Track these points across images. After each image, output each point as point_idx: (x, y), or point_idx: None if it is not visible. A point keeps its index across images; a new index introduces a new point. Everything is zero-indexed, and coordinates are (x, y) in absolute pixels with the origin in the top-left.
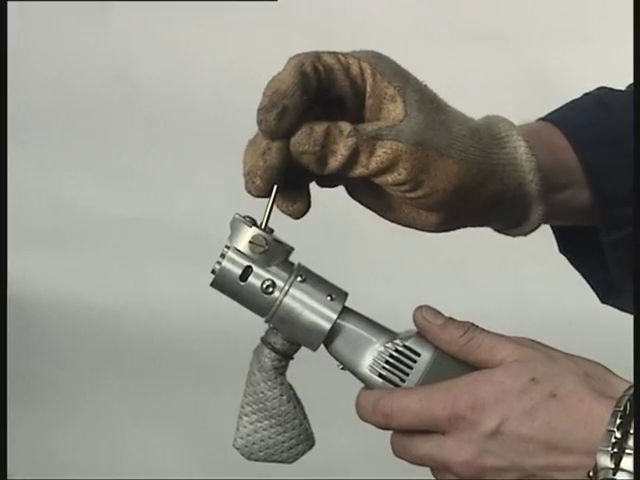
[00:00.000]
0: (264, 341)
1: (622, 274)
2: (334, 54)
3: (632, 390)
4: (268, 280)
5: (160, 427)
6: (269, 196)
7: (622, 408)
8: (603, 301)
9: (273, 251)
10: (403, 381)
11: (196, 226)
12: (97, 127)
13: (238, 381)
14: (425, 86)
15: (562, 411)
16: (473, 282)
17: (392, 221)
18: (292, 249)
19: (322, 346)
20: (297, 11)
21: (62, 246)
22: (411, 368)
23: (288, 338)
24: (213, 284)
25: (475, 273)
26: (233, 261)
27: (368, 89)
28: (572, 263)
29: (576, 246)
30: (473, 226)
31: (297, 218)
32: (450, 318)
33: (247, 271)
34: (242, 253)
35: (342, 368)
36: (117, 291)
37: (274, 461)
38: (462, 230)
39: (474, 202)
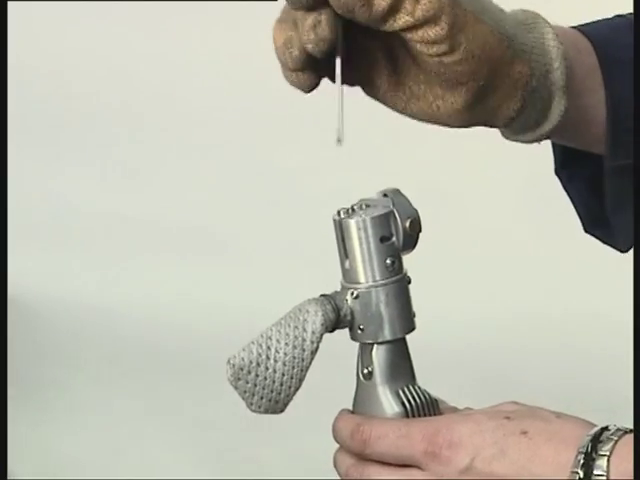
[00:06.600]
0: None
1: (617, 204)
2: None
3: (593, 431)
4: (396, 259)
5: (160, 427)
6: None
7: (585, 450)
8: (587, 230)
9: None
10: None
11: (196, 226)
12: (97, 127)
13: None
14: None
15: (531, 449)
16: (471, 288)
17: (414, 116)
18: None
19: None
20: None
21: (62, 246)
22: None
23: (359, 320)
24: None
25: (474, 281)
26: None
27: None
28: (564, 185)
29: (574, 168)
30: (492, 125)
31: (320, 49)
32: None
33: (389, 239)
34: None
35: (368, 372)
36: (117, 291)
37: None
38: (462, 236)
39: (502, 83)
